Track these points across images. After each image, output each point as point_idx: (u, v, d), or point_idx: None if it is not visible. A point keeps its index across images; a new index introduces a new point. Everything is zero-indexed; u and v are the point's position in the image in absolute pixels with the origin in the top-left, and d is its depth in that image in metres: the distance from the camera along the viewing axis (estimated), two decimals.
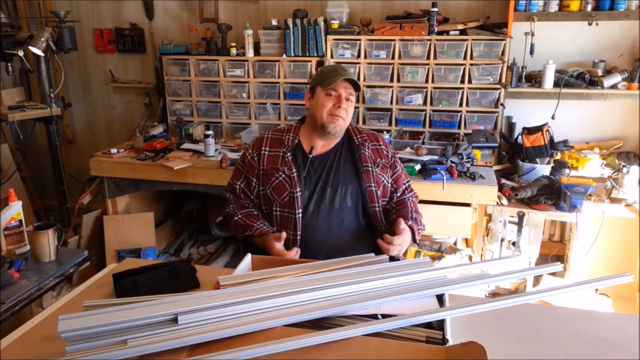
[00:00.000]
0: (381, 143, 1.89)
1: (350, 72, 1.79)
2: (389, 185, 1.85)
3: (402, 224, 1.65)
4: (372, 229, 1.78)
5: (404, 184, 1.91)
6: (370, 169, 1.79)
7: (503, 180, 2.80)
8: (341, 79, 1.72)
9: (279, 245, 1.59)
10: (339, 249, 1.67)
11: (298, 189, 1.73)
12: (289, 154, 1.78)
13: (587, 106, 3.10)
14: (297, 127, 1.87)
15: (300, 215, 1.72)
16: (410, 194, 1.92)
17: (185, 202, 3.61)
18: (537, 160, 2.83)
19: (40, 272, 1.74)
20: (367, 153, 1.82)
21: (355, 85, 1.78)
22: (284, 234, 1.61)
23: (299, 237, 1.72)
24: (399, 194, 1.88)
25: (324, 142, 1.82)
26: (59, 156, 3.59)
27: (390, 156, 1.89)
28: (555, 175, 2.69)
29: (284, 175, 1.75)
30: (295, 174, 1.74)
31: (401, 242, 1.62)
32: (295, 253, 1.61)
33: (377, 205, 1.77)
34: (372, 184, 1.77)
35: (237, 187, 1.86)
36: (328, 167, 1.79)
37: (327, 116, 1.74)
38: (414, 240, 1.73)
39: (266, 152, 1.81)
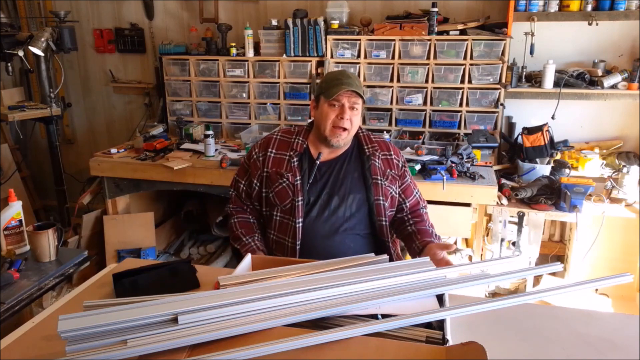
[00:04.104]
0: (392, 152, 1.82)
1: (355, 81, 1.70)
2: (397, 196, 1.81)
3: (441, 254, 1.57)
4: (375, 239, 1.76)
5: (415, 194, 1.86)
6: (379, 181, 1.74)
7: (503, 180, 2.80)
8: (344, 89, 1.65)
9: None
10: (339, 257, 1.66)
11: (300, 198, 1.69)
12: (295, 159, 1.73)
13: (587, 106, 3.10)
14: (307, 131, 1.81)
15: (300, 224, 1.69)
16: (423, 205, 1.88)
17: (185, 202, 3.61)
18: (537, 160, 2.83)
19: (40, 272, 1.74)
20: (377, 164, 1.76)
21: (361, 95, 1.70)
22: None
23: (298, 246, 1.69)
24: (408, 204, 1.83)
25: (330, 150, 1.77)
26: (59, 156, 3.59)
27: (400, 165, 1.83)
28: (555, 175, 2.69)
29: (287, 182, 1.71)
30: (298, 182, 1.70)
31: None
32: None
33: (384, 219, 1.73)
34: (381, 198, 1.73)
35: (241, 186, 1.83)
36: (335, 174, 1.75)
37: (330, 129, 1.69)
38: None
39: (272, 154, 1.77)
